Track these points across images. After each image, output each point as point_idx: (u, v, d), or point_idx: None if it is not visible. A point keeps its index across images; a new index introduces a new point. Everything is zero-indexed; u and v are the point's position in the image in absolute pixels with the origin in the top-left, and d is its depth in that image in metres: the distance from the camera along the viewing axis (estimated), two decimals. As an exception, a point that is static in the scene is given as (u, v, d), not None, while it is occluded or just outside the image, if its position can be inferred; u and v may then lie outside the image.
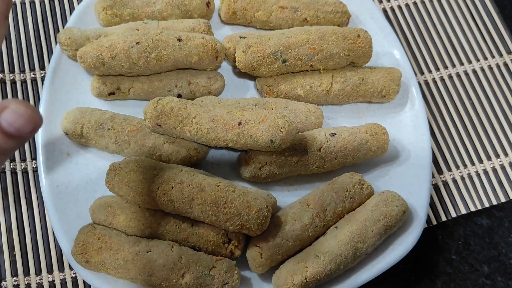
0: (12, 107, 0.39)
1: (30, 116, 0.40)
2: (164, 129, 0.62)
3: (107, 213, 0.62)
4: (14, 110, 0.39)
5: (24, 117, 0.40)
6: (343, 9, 0.74)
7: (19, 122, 0.40)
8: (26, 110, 0.40)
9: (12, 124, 0.40)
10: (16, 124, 0.40)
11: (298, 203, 0.64)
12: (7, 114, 0.39)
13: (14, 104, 0.40)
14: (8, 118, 0.40)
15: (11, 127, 0.40)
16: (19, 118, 0.40)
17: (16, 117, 0.40)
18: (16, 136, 0.40)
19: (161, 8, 0.72)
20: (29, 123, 0.40)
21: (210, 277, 0.58)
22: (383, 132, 0.68)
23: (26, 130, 0.40)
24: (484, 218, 0.74)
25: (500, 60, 0.82)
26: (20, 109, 0.40)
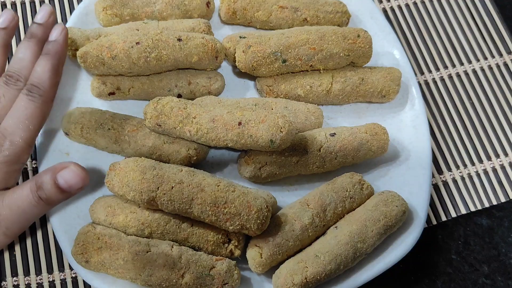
0: (72, 168, 0.50)
1: (84, 177, 0.52)
2: (164, 129, 0.62)
3: (107, 213, 0.62)
4: (72, 170, 0.51)
5: (79, 177, 0.51)
6: (343, 9, 0.74)
7: (74, 180, 0.50)
8: (82, 171, 0.51)
9: (68, 181, 0.50)
10: (71, 182, 0.50)
11: (298, 203, 0.64)
12: (65, 172, 0.50)
13: (73, 165, 0.51)
14: (66, 175, 0.50)
15: (66, 184, 0.50)
16: (75, 177, 0.50)
17: (73, 175, 0.50)
18: (66, 191, 0.51)
19: (161, 8, 0.72)
20: (81, 182, 0.51)
21: (210, 277, 0.58)
22: (383, 132, 0.68)
23: (77, 187, 0.51)
24: (484, 218, 0.74)
25: (500, 60, 0.82)
26: (77, 170, 0.51)
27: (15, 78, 0.55)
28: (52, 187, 0.49)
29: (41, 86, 0.55)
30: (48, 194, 0.49)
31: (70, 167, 0.50)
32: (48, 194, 0.49)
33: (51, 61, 0.56)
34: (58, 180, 0.49)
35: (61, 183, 0.50)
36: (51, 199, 0.50)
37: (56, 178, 0.49)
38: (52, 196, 0.50)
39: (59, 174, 0.49)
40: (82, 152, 0.68)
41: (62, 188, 0.50)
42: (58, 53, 0.57)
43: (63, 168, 0.50)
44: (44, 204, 0.51)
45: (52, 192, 0.49)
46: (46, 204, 0.51)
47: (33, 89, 0.54)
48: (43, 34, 0.59)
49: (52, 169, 0.50)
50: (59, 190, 0.50)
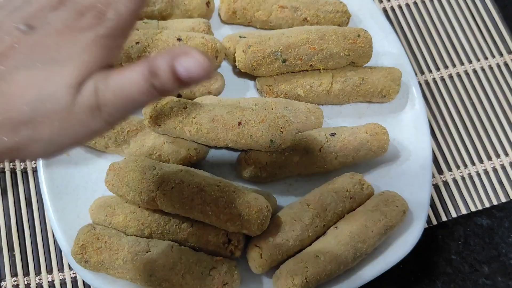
0: (195, 55, 0.40)
1: (208, 68, 0.41)
2: (164, 129, 0.62)
3: (106, 213, 0.62)
4: (196, 59, 0.40)
5: (202, 67, 0.40)
6: (343, 9, 0.74)
7: (198, 70, 0.40)
8: (206, 62, 0.41)
9: (189, 71, 0.40)
10: (193, 72, 0.40)
11: (298, 203, 0.64)
12: (188, 61, 0.40)
13: (197, 53, 0.40)
14: (188, 64, 0.40)
15: (187, 73, 0.40)
16: (198, 67, 0.40)
17: (196, 65, 0.40)
18: (184, 81, 0.41)
19: (161, 8, 0.72)
20: (203, 73, 0.41)
21: (210, 277, 0.58)
22: (383, 132, 0.67)
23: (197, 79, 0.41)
24: (484, 218, 0.74)
25: (500, 60, 0.82)
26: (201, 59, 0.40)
27: None
28: (169, 75, 0.41)
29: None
30: (163, 83, 0.41)
31: (193, 54, 0.41)
32: (163, 83, 0.41)
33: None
34: (178, 68, 0.40)
35: (181, 72, 0.40)
36: (165, 89, 0.41)
37: (174, 66, 0.41)
38: (167, 86, 0.41)
39: (179, 62, 0.41)
40: (82, 152, 0.67)
41: (181, 77, 0.41)
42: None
43: (184, 54, 0.41)
44: (156, 94, 0.41)
45: (168, 81, 0.41)
46: (158, 93, 0.41)
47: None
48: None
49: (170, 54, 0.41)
50: (177, 80, 0.41)
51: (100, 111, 0.41)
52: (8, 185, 0.70)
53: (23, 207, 0.69)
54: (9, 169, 0.71)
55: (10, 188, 0.70)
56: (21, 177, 0.71)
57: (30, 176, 0.71)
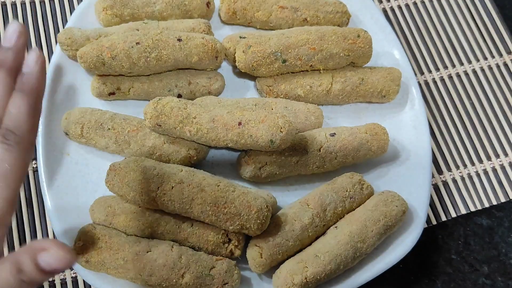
0: (53, 252, 0.43)
1: (68, 261, 0.44)
2: (164, 129, 0.62)
3: (107, 213, 0.62)
4: (54, 255, 0.43)
5: (62, 262, 0.43)
6: (343, 9, 0.74)
7: (57, 265, 0.43)
8: (65, 255, 0.43)
9: (51, 265, 0.43)
10: (54, 266, 0.43)
11: (298, 203, 0.64)
12: (47, 256, 0.43)
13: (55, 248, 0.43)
14: (48, 260, 0.43)
15: (49, 267, 0.43)
16: (58, 262, 0.43)
17: (55, 261, 0.43)
18: (49, 272, 0.43)
19: (161, 8, 0.72)
20: (65, 266, 0.44)
21: (210, 277, 0.58)
22: (383, 132, 0.68)
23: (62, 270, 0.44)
24: (484, 218, 0.74)
25: (500, 60, 0.82)
26: (59, 254, 0.43)
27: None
28: (34, 270, 0.43)
29: (18, 131, 0.44)
30: (30, 277, 0.43)
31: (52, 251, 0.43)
32: (30, 277, 0.43)
33: (27, 99, 0.45)
34: (40, 263, 0.43)
35: (44, 267, 0.43)
36: (34, 281, 0.43)
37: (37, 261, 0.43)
38: (35, 278, 0.43)
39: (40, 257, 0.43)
40: (82, 152, 0.68)
41: (45, 270, 0.43)
42: (35, 88, 0.46)
43: (43, 250, 0.43)
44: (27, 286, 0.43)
45: (35, 275, 0.43)
46: (29, 285, 0.43)
47: (9, 136, 0.44)
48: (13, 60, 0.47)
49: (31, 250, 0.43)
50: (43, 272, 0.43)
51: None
52: (8, 185, 0.70)
53: (23, 206, 0.70)
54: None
55: (11, 188, 0.70)
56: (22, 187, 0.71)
57: (31, 176, 0.71)
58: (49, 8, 0.80)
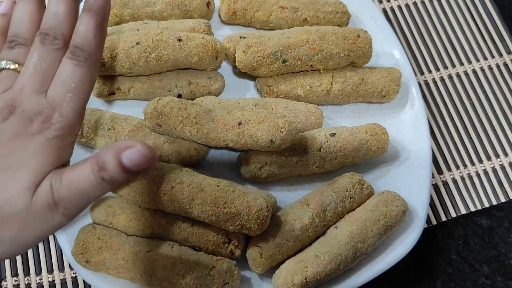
0: (138, 147, 0.45)
1: (151, 157, 0.45)
2: (164, 129, 0.62)
3: (107, 213, 0.62)
4: (139, 151, 0.45)
5: (146, 158, 0.45)
6: (343, 9, 0.74)
7: (141, 160, 0.45)
8: (150, 152, 0.45)
9: (133, 161, 0.45)
10: (137, 162, 0.45)
11: (298, 203, 0.64)
12: (132, 152, 0.45)
13: (140, 145, 0.45)
14: (132, 156, 0.45)
15: (132, 163, 0.45)
16: (142, 158, 0.45)
17: (139, 156, 0.45)
18: (131, 171, 0.45)
19: (161, 8, 0.72)
20: (148, 162, 0.45)
21: (210, 277, 0.58)
22: (383, 132, 0.68)
23: (143, 168, 0.45)
24: (484, 218, 0.74)
25: (500, 60, 0.82)
26: (144, 151, 0.45)
27: (52, 36, 0.48)
28: (116, 167, 0.44)
29: (86, 47, 0.47)
30: (111, 175, 0.45)
31: (137, 148, 0.45)
32: (111, 175, 0.45)
33: (95, 18, 0.48)
34: (123, 160, 0.44)
35: (127, 163, 0.44)
36: (115, 180, 0.45)
37: (120, 158, 0.44)
38: (116, 177, 0.45)
39: (124, 154, 0.44)
40: (82, 152, 0.68)
41: (127, 168, 0.45)
42: (102, 7, 0.48)
43: (128, 148, 0.45)
44: (106, 185, 0.45)
45: (116, 173, 0.45)
46: (108, 185, 0.45)
47: (78, 52, 0.47)
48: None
49: (116, 148, 0.45)
50: (124, 170, 0.45)
51: (57, 207, 0.44)
52: (8, 185, 0.70)
53: (23, 207, 0.69)
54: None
55: (11, 188, 0.70)
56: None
57: (31, 176, 0.71)
58: (49, 8, 0.80)
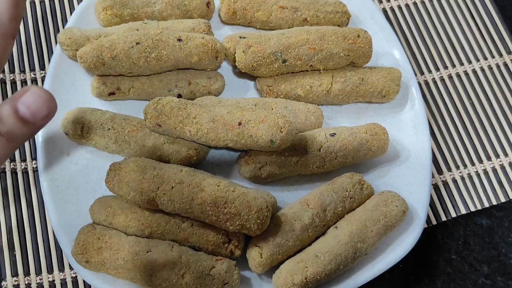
0: (33, 89, 0.40)
1: (47, 99, 0.41)
2: (164, 129, 0.62)
3: (107, 213, 0.62)
4: (34, 92, 0.40)
5: (42, 99, 0.40)
6: (343, 9, 0.74)
7: (38, 104, 0.40)
8: (46, 93, 0.41)
9: (30, 107, 0.40)
10: (34, 107, 0.40)
11: (298, 203, 0.64)
12: (27, 96, 0.40)
13: (35, 87, 0.41)
14: (27, 100, 0.40)
15: (29, 110, 0.40)
16: (38, 100, 0.40)
17: (35, 98, 0.40)
18: (30, 122, 0.41)
19: (161, 8, 0.72)
20: (45, 106, 0.41)
21: (210, 277, 0.58)
22: (383, 132, 0.68)
23: (41, 115, 0.41)
24: (484, 218, 0.74)
25: (500, 60, 0.82)
26: (39, 92, 0.40)
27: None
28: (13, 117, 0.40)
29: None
30: (9, 128, 0.40)
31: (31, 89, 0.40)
32: (9, 128, 0.40)
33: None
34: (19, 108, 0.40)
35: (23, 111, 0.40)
36: (14, 134, 0.41)
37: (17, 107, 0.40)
38: (15, 130, 0.41)
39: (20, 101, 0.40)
40: (82, 152, 0.68)
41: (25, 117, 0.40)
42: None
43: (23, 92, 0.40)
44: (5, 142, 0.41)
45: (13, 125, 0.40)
46: (8, 141, 0.41)
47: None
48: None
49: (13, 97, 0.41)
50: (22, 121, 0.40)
51: None
52: (8, 185, 0.70)
53: (23, 207, 0.70)
54: (10, 169, 0.71)
55: (11, 188, 0.70)
56: (21, 177, 0.71)
57: (31, 176, 0.71)
58: (49, 8, 0.80)
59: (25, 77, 0.76)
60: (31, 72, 0.76)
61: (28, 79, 0.76)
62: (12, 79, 0.76)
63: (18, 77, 0.76)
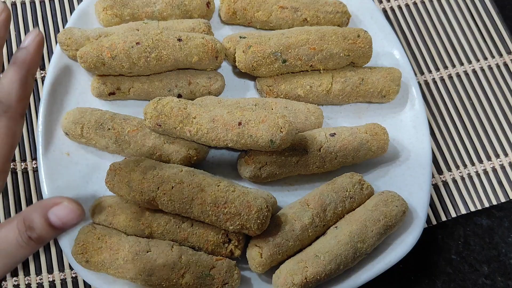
0: (65, 204, 0.44)
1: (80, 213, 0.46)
2: (164, 129, 0.62)
3: (107, 213, 0.62)
4: (67, 207, 0.44)
5: (74, 213, 0.45)
6: (343, 9, 0.74)
7: (69, 217, 0.44)
8: (77, 207, 0.45)
9: (62, 219, 0.44)
10: (66, 219, 0.44)
11: (298, 203, 0.64)
12: (59, 209, 0.44)
13: (67, 201, 0.45)
14: (60, 213, 0.44)
15: (60, 221, 0.44)
16: (70, 214, 0.44)
17: (67, 212, 0.44)
18: (59, 228, 0.45)
19: (161, 8, 0.72)
20: (77, 218, 0.45)
21: (210, 277, 0.58)
22: (383, 132, 0.68)
23: (72, 224, 0.45)
24: (484, 218, 0.74)
25: (500, 60, 0.82)
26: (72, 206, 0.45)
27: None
28: (44, 225, 0.44)
29: (6, 100, 0.46)
30: (39, 234, 0.44)
31: (64, 204, 0.44)
32: (39, 234, 0.44)
33: (19, 71, 0.48)
34: (51, 218, 0.44)
35: (54, 221, 0.44)
36: (43, 238, 0.44)
37: (48, 216, 0.44)
38: (44, 235, 0.44)
39: (51, 212, 0.44)
40: (82, 152, 0.68)
41: (56, 226, 0.44)
42: (27, 62, 0.49)
43: (55, 205, 0.44)
44: (34, 244, 0.44)
45: (44, 232, 0.44)
46: (37, 244, 0.44)
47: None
48: None
49: (42, 206, 0.44)
50: (52, 228, 0.44)
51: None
52: (9, 185, 0.70)
53: (23, 207, 0.70)
54: (10, 169, 0.71)
55: (11, 188, 0.70)
56: (21, 177, 0.71)
57: (31, 176, 0.71)
58: (49, 8, 0.80)
59: (25, 77, 0.76)
60: (31, 72, 0.76)
61: (28, 79, 0.76)
62: (12, 79, 0.76)
63: (18, 77, 0.76)
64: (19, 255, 0.44)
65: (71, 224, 0.45)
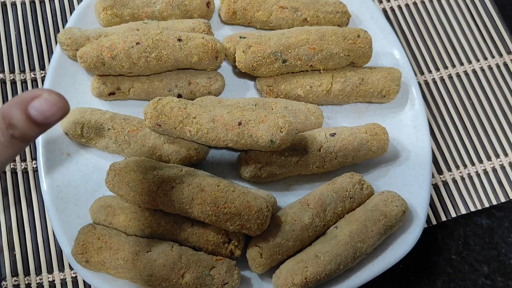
0: (45, 96, 0.40)
1: (62, 105, 0.41)
2: (164, 129, 0.62)
3: (107, 213, 0.62)
4: (47, 99, 0.40)
5: (57, 106, 0.40)
6: (343, 9, 0.74)
7: (51, 110, 0.40)
8: (59, 99, 0.41)
9: (43, 113, 0.40)
10: (48, 113, 0.40)
11: (298, 203, 0.64)
12: (39, 102, 0.40)
13: (47, 93, 0.40)
14: (40, 106, 0.40)
15: (42, 115, 0.40)
16: (52, 107, 0.40)
17: (49, 105, 0.40)
18: (43, 123, 0.41)
19: (161, 8, 0.72)
20: (60, 111, 0.41)
21: (210, 277, 0.58)
22: (383, 132, 0.68)
23: (55, 118, 0.41)
24: (484, 218, 0.74)
25: (500, 60, 0.82)
26: (53, 98, 0.40)
27: None
28: (25, 121, 0.40)
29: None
30: (21, 131, 0.40)
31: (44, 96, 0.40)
32: (21, 131, 0.40)
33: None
34: (31, 113, 0.40)
35: (36, 116, 0.40)
36: (27, 136, 0.41)
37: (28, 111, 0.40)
38: (27, 132, 0.41)
39: (31, 106, 0.40)
40: (82, 152, 0.68)
41: (38, 121, 0.40)
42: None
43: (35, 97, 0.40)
44: (19, 143, 0.41)
45: (26, 128, 0.40)
46: (21, 141, 0.41)
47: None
48: None
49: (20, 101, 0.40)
50: (35, 124, 0.40)
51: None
52: (8, 185, 0.70)
53: (23, 207, 0.70)
54: (10, 169, 0.71)
55: (11, 188, 0.70)
56: (21, 177, 0.71)
57: (31, 176, 0.71)
58: (49, 8, 0.80)
59: (25, 77, 0.76)
60: (31, 72, 0.76)
61: (28, 79, 0.76)
62: (12, 79, 0.76)
63: (18, 77, 0.76)
64: (4, 155, 0.41)
65: (55, 118, 0.41)
